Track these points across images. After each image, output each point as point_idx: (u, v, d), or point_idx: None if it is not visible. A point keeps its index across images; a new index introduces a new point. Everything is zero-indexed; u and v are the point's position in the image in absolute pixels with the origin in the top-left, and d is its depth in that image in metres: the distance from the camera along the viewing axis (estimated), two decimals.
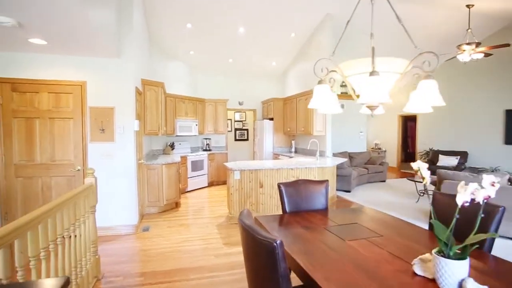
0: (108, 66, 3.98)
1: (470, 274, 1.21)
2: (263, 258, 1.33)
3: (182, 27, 5.95)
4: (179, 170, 5.67)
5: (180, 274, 2.93)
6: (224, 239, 3.88)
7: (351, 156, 8.05)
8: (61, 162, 3.95)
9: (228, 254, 3.41)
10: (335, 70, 1.75)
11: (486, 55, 5.45)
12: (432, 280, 1.29)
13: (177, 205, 5.62)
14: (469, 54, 5.30)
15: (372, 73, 1.39)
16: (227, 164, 4.81)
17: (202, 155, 7.39)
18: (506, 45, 5.11)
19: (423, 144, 9.55)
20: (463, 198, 1.14)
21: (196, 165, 7.14)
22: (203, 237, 3.95)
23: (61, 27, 2.91)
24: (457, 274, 1.16)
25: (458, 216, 1.18)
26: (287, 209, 2.54)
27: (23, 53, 3.72)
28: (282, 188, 2.56)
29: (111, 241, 3.80)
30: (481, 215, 1.14)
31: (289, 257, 1.62)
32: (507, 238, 3.86)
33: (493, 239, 1.68)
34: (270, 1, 5.28)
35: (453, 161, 7.92)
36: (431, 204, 1.37)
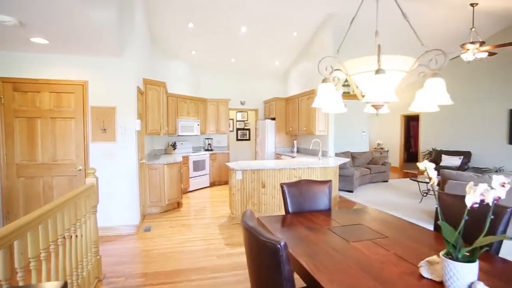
0: (110, 66, 3.97)
1: (479, 277, 1.18)
2: (267, 260, 1.31)
3: (184, 27, 5.93)
4: (181, 170, 5.65)
5: (182, 275, 2.91)
6: (226, 240, 3.85)
7: (354, 156, 8.02)
8: (63, 162, 3.94)
9: (230, 255, 3.38)
10: (340, 69, 1.72)
11: (490, 54, 5.39)
12: (440, 283, 1.26)
13: (179, 205, 5.60)
14: (473, 53, 5.24)
15: (378, 71, 1.36)
16: (229, 164, 4.79)
17: (204, 155, 7.37)
18: (511, 44, 5.05)
19: (426, 144, 9.49)
20: (473, 199, 1.11)
21: (198, 165, 7.12)
22: (205, 238, 3.93)
23: (63, 26, 2.90)
24: (466, 277, 1.13)
25: (467, 218, 1.15)
26: (290, 210, 2.51)
27: (25, 53, 3.71)
28: (285, 189, 2.53)
29: (113, 241, 3.79)
30: (491, 217, 1.11)
31: (293, 259, 1.59)
32: None
33: (501, 241, 1.64)
34: (272, 0, 5.26)
35: (456, 161, 7.86)
36: (438, 206, 1.33)
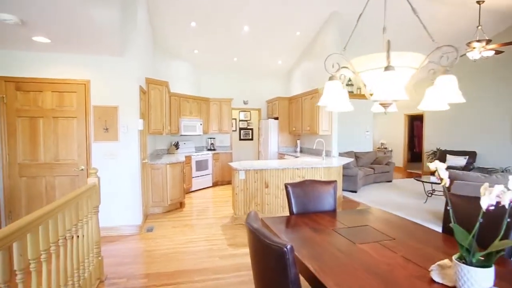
0: (112, 65, 3.94)
1: (495, 283, 1.13)
2: (272, 263, 1.27)
3: (186, 26, 5.90)
4: (184, 170, 5.62)
5: (185, 276, 2.88)
6: (229, 240, 3.82)
7: (357, 156, 7.95)
8: (65, 162, 3.92)
9: (233, 256, 3.35)
10: (346, 67, 1.68)
11: (497, 53, 5.31)
12: None
13: (182, 205, 5.57)
14: (479, 52, 5.16)
15: (388, 68, 1.31)
16: (232, 164, 4.75)
17: (207, 155, 7.34)
18: None
19: (430, 144, 9.39)
20: (488, 201, 1.06)
21: (201, 165, 7.09)
22: (208, 238, 3.89)
23: (65, 25, 2.88)
24: (482, 283, 1.08)
25: (482, 220, 1.10)
26: (294, 210, 2.47)
27: (27, 52, 3.69)
28: (289, 189, 2.49)
29: (115, 242, 3.76)
30: (507, 220, 1.06)
31: (298, 261, 1.55)
32: None
33: None
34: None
35: (462, 161, 7.76)
36: (450, 208, 1.29)
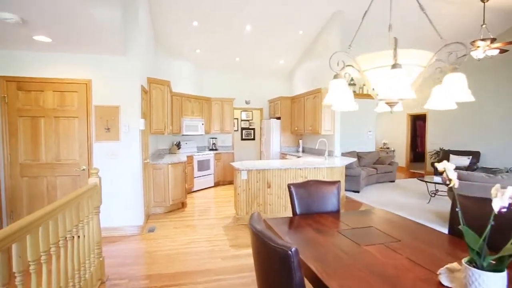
0: (113, 64, 3.92)
1: None
2: (277, 266, 1.24)
3: (188, 25, 5.87)
4: (185, 170, 5.60)
5: (186, 277, 2.85)
6: (231, 241, 3.79)
7: (360, 156, 7.90)
8: (66, 162, 3.90)
9: (236, 257, 3.32)
10: (351, 65, 1.64)
11: (502, 52, 5.25)
12: None
13: (183, 205, 5.55)
14: (484, 51, 5.11)
15: (395, 66, 1.28)
16: (234, 164, 4.72)
17: (209, 155, 7.31)
18: None
19: (433, 144, 9.33)
20: (501, 203, 1.02)
21: (203, 165, 7.07)
22: (210, 239, 3.87)
23: (66, 24, 2.85)
24: None
25: (493, 223, 1.06)
26: (298, 211, 2.43)
27: (28, 51, 3.68)
28: (293, 189, 2.46)
29: (116, 242, 3.74)
30: None
31: (301, 263, 1.52)
32: None
33: None
34: None
35: (465, 161, 7.70)
36: (459, 209, 1.25)
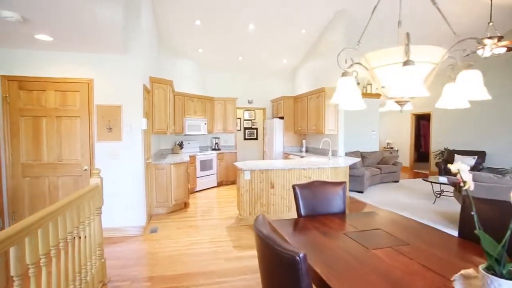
0: (116, 63, 3.88)
1: None
2: (284, 271, 1.18)
3: (191, 24, 5.83)
4: (188, 170, 5.56)
5: (189, 279, 2.81)
6: (234, 242, 3.74)
7: (364, 156, 7.83)
8: (68, 162, 3.87)
9: (239, 258, 3.27)
10: (359, 62, 1.59)
11: (509, 50, 5.16)
12: None
13: (186, 206, 5.51)
14: (491, 49, 5.02)
15: (407, 62, 1.22)
16: (237, 164, 4.67)
17: (211, 155, 7.27)
18: None
19: (437, 144, 9.23)
20: None
21: (205, 165, 7.03)
22: (213, 240, 3.82)
23: (67, 23, 2.82)
24: None
25: None
26: (303, 213, 2.38)
27: (29, 50, 3.65)
28: (297, 190, 2.40)
29: (118, 243, 3.70)
30: None
31: (309, 268, 1.47)
32: None
33: None
34: None
35: (470, 161, 7.60)
36: (475, 213, 1.19)
